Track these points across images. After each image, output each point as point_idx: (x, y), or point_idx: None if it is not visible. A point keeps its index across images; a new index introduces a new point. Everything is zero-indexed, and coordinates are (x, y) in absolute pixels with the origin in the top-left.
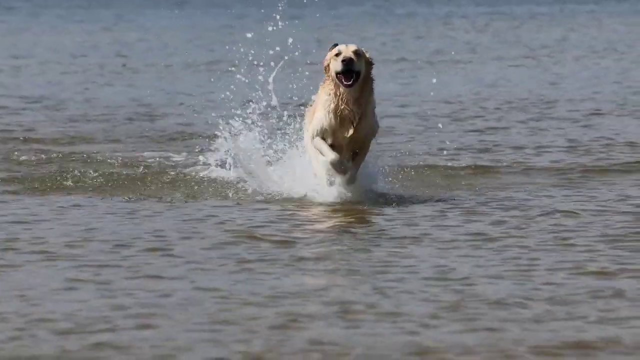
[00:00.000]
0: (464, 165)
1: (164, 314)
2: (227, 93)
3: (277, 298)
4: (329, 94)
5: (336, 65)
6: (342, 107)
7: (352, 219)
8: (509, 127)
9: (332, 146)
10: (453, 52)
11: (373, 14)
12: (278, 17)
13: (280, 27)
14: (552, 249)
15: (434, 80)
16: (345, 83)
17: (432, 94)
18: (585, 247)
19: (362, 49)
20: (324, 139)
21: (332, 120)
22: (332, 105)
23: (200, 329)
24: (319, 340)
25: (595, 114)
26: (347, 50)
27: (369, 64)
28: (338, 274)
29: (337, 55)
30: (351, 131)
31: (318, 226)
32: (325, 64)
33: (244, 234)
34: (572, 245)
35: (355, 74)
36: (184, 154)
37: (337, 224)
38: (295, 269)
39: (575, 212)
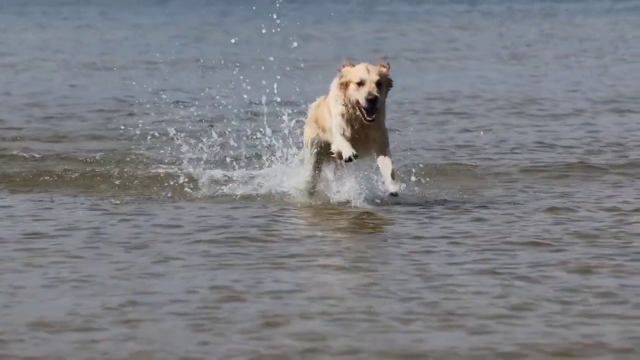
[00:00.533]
0: (445, 163)
1: (146, 311)
2: (216, 91)
3: (260, 295)
4: (345, 105)
5: (359, 96)
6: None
7: (334, 218)
8: (491, 125)
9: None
10: (435, 50)
11: (355, 12)
12: (275, 16)
13: (278, 30)
14: (533, 247)
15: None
16: (368, 119)
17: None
18: (566, 244)
19: (384, 70)
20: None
21: (347, 122)
22: (347, 116)
23: (182, 326)
24: (300, 336)
25: (576, 112)
26: (371, 79)
27: (389, 85)
28: (319, 271)
29: (359, 83)
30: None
31: (300, 225)
32: (343, 81)
33: (226, 231)
34: (554, 241)
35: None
36: (167, 152)
37: (318, 222)
38: (278, 266)
39: (555, 210)
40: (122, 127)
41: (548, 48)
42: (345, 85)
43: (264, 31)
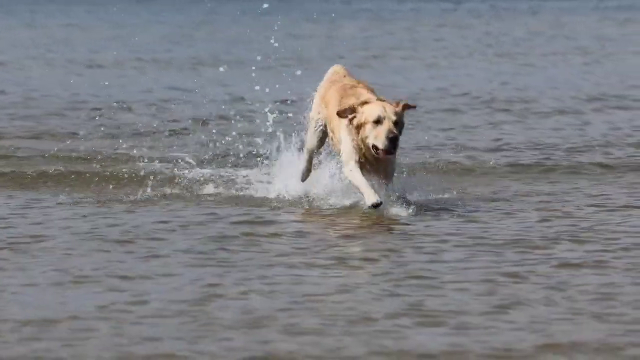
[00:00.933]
0: (431, 161)
1: (133, 310)
2: (204, 90)
3: (247, 293)
4: (355, 141)
5: (376, 137)
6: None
7: (320, 216)
8: (477, 123)
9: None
10: (421, 49)
11: (340, 11)
12: (272, 39)
13: (277, 56)
14: (519, 244)
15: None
16: (388, 153)
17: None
18: (553, 241)
19: (399, 110)
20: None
21: (359, 153)
22: (359, 150)
23: (170, 325)
24: (286, 334)
25: (562, 110)
26: (389, 117)
27: (403, 126)
28: (305, 269)
29: (376, 122)
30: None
31: (286, 223)
32: (358, 123)
33: (213, 230)
34: (540, 239)
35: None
36: (154, 150)
37: (304, 220)
38: (265, 265)
39: (541, 208)
40: (109, 125)
41: (534, 46)
42: (358, 127)
43: (259, 57)
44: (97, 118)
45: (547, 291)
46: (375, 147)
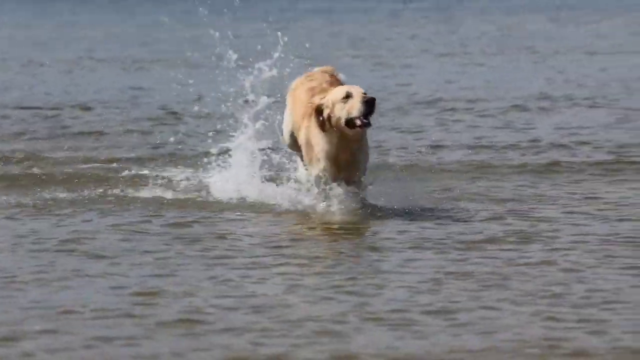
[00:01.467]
0: (375, 162)
1: (75, 311)
2: (161, 89)
3: (192, 293)
4: (330, 141)
5: (349, 112)
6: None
7: (265, 217)
8: (426, 123)
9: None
10: (370, 48)
11: (286, 10)
12: (218, 39)
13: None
14: (462, 244)
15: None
16: (365, 122)
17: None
18: (496, 240)
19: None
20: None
21: (332, 163)
22: (333, 151)
23: (113, 325)
24: (229, 334)
25: (511, 110)
26: (357, 91)
27: None
28: (251, 270)
29: (346, 97)
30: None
31: (236, 224)
32: (327, 114)
33: (156, 230)
34: (483, 238)
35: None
36: (98, 152)
37: (248, 220)
38: (212, 265)
39: (485, 209)
40: (56, 126)
41: (482, 45)
42: (327, 121)
43: (213, 58)
44: (45, 119)
45: (493, 290)
46: (352, 121)
